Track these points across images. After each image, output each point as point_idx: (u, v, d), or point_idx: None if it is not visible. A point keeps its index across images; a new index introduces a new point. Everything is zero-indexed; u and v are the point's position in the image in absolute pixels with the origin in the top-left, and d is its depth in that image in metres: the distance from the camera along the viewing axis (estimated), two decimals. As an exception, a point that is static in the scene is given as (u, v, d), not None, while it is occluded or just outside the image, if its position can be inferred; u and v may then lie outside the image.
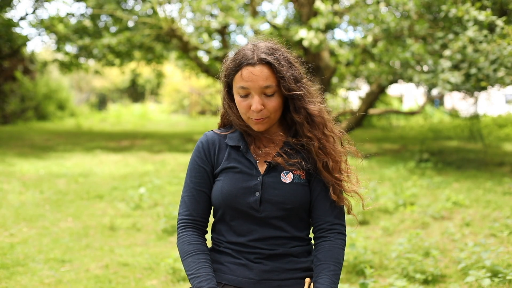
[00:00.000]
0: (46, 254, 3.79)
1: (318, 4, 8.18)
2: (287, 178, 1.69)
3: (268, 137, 1.75)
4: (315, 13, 9.72)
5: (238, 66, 1.66)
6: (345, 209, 1.76)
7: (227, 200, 1.68)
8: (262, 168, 1.71)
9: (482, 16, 6.04)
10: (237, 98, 1.69)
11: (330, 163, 1.69)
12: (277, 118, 1.71)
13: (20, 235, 4.27)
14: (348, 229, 4.14)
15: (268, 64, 1.64)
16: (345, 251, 3.60)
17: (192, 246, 1.69)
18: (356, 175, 1.76)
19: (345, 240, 1.74)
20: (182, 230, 1.73)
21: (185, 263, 1.68)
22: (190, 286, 1.81)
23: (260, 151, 1.74)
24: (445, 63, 6.53)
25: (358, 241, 3.87)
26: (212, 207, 1.77)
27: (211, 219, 1.79)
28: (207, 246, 1.74)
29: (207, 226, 1.77)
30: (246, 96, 1.66)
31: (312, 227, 1.77)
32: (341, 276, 3.31)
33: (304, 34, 8.48)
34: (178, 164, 8.32)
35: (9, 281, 3.24)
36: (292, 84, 1.66)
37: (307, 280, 1.67)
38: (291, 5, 11.83)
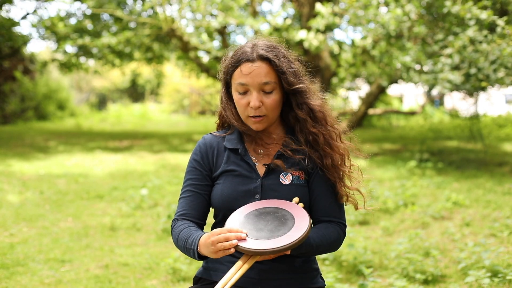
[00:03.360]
0: (46, 254, 3.79)
1: (319, 7, 8.18)
2: (286, 179, 1.68)
3: (268, 134, 1.74)
4: (315, 14, 9.72)
5: (237, 62, 1.66)
6: (352, 206, 1.76)
7: (227, 203, 1.68)
8: (261, 170, 1.70)
9: (484, 15, 6.04)
10: (235, 96, 1.68)
11: (335, 158, 1.69)
12: (275, 117, 1.71)
13: (20, 235, 4.27)
14: (348, 229, 4.14)
15: (267, 60, 1.64)
16: (345, 251, 3.61)
17: (183, 226, 1.68)
18: (358, 172, 1.76)
19: (343, 232, 1.73)
20: (174, 223, 1.73)
21: (179, 242, 1.66)
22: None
23: (260, 152, 1.73)
24: (445, 61, 6.53)
25: (358, 241, 3.87)
26: (213, 210, 1.77)
27: (212, 220, 1.79)
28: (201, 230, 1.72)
29: (203, 228, 1.76)
30: (244, 93, 1.66)
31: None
32: (341, 276, 3.31)
33: (304, 35, 8.48)
34: (178, 164, 8.32)
35: (9, 281, 3.24)
36: (293, 79, 1.67)
37: (295, 199, 1.65)
38: (291, 5, 11.82)
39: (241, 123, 1.71)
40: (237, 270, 1.49)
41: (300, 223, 1.50)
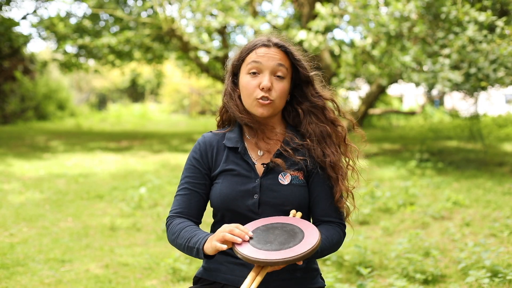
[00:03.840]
0: (46, 254, 3.79)
1: (319, 8, 8.18)
2: (285, 179, 1.67)
3: (270, 129, 1.73)
4: (315, 14, 9.71)
5: (253, 46, 1.69)
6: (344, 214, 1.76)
7: (225, 203, 1.67)
8: (260, 169, 1.70)
9: (482, 16, 6.05)
10: (245, 79, 1.67)
11: (344, 153, 1.72)
12: (280, 108, 1.71)
13: (20, 235, 4.27)
14: (347, 228, 4.13)
15: (282, 48, 1.69)
16: (345, 251, 3.60)
17: (183, 224, 1.67)
18: (359, 175, 1.76)
19: (343, 233, 1.73)
20: (170, 221, 1.71)
21: (178, 239, 1.64)
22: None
23: (259, 150, 1.72)
24: (444, 61, 6.53)
25: (358, 241, 3.87)
26: (212, 209, 1.77)
27: (211, 220, 1.78)
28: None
29: (198, 226, 1.75)
30: (256, 74, 1.66)
31: None
32: (341, 276, 3.31)
33: (304, 36, 8.48)
34: (178, 164, 8.32)
35: (9, 281, 3.24)
36: (308, 67, 1.72)
37: (293, 211, 1.65)
38: (290, 5, 11.83)
39: (246, 114, 1.69)
40: (251, 282, 1.46)
41: (310, 234, 1.51)
